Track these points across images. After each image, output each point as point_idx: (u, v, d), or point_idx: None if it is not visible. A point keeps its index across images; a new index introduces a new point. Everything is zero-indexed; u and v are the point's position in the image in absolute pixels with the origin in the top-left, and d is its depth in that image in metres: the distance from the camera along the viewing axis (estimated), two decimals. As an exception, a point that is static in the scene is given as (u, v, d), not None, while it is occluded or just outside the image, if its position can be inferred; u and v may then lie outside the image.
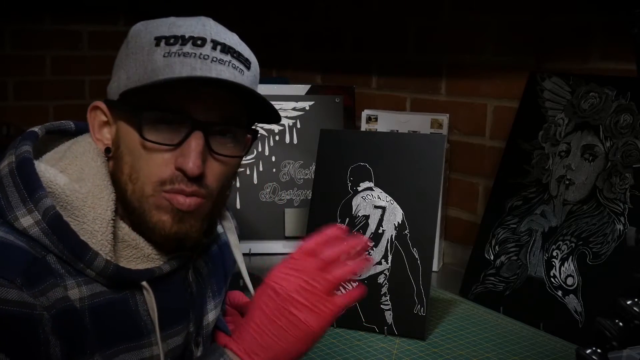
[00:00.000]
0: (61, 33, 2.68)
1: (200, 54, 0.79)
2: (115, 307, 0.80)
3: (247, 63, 0.83)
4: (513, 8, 1.59)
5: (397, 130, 1.77)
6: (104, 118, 0.85)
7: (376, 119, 1.81)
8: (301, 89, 1.89)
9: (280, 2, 2.36)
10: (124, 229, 0.82)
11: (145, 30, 0.81)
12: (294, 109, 1.86)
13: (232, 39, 0.83)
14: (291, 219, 1.82)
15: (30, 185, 0.77)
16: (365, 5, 2.00)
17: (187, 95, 0.79)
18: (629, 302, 0.78)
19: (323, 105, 1.88)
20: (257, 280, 1.55)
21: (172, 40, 0.79)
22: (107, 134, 0.84)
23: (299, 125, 1.85)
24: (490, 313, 1.42)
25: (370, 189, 1.38)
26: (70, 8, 2.65)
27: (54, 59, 2.68)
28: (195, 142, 0.79)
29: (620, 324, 0.79)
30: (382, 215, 1.36)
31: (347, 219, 1.38)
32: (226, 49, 0.80)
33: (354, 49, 2.07)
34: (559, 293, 1.35)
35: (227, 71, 0.80)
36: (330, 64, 2.17)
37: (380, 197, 1.37)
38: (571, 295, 1.33)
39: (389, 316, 1.31)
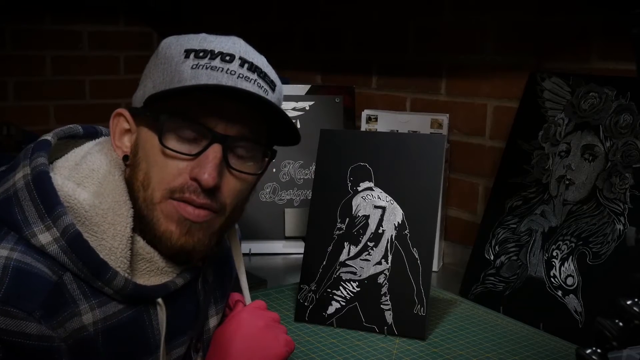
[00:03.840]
0: (61, 33, 2.68)
1: (228, 69, 0.79)
2: (126, 328, 0.80)
3: (272, 84, 0.84)
4: (513, 8, 1.59)
5: (397, 130, 1.77)
6: (126, 126, 0.84)
7: (376, 119, 1.81)
8: (301, 89, 1.89)
9: (280, 2, 2.36)
10: (140, 242, 0.82)
11: (176, 42, 0.82)
12: (294, 109, 1.86)
13: (260, 60, 0.84)
14: (291, 219, 1.82)
15: (48, 201, 0.75)
16: (365, 5, 2.00)
17: (209, 108, 0.79)
18: (629, 302, 0.78)
19: (323, 105, 1.88)
20: (262, 283, 1.56)
21: (201, 54, 0.79)
22: (127, 142, 0.84)
23: (299, 125, 1.85)
24: (490, 313, 1.42)
25: (370, 189, 1.38)
26: (70, 8, 2.66)
27: (54, 59, 2.68)
28: (213, 155, 0.79)
29: (620, 324, 0.79)
30: (382, 215, 1.36)
31: (347, 219, 1.38)
32: (253, 68, 0.81)
33: (354, 49, 2.07)
34: (559, 293, 1.35)
35: (252, 88, 0.80)
36: (330, 64, 2.16)
37: (380, 197, 1.37)
38: (571, 295, 1.33)
39: (389, 316, 1.31)
